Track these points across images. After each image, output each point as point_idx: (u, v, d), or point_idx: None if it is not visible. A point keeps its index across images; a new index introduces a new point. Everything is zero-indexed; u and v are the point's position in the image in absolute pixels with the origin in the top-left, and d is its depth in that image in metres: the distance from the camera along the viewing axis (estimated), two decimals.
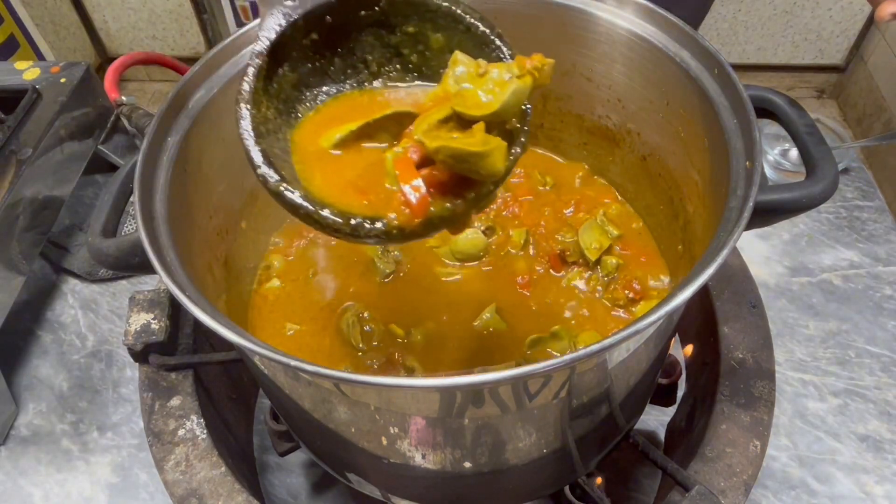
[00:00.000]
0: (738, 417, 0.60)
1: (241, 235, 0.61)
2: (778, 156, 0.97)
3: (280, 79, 0.44)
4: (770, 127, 0.98)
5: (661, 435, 0.77)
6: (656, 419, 0.80)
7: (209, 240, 0.56)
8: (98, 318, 0.87)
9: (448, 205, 0.40)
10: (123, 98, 0.95)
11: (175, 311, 0.67)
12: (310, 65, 0.46)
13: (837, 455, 0.72)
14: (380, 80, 0.48)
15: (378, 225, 0.39)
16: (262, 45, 0.43)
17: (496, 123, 0.40)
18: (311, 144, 0.44)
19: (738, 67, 2.15)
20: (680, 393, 0.72)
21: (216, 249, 0.57)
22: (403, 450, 0.48)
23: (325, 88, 0.47)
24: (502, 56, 0.44)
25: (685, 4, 1.05)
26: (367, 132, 0.44)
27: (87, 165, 0.90)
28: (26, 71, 0.89)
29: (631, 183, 0.67)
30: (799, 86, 2.26)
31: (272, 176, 0.40)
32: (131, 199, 0.49)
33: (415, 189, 0.39)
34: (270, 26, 0.43)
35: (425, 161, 0.40)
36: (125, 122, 0.95)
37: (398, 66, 0.48)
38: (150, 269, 0.43)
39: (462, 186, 0.40)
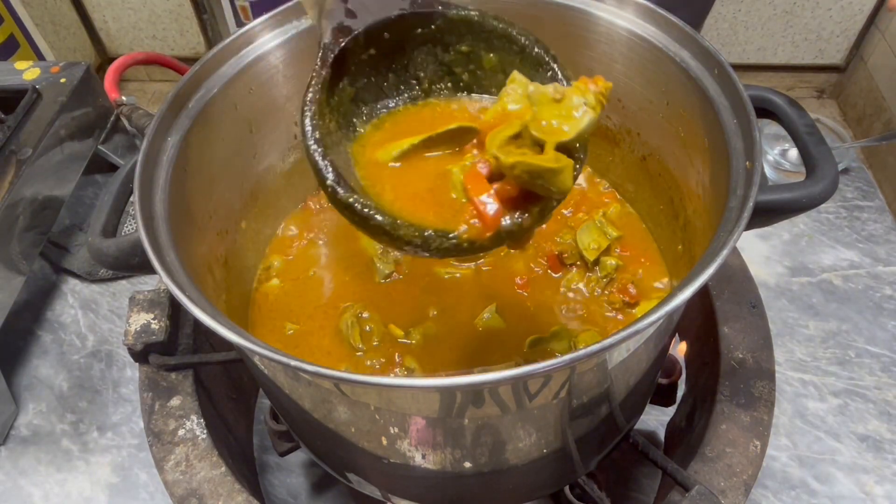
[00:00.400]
0: (738, 417, 0.60)
1: (241, 235, 0.61)
2: (778, 156, 0.97)
3: (340, 92, 0.44)
4: (770, 127, 0.98)
5: (661, 435, 0.77)
6: (656, 419, 0.80)
7: (209, 240, 0.56)
8: (98, 318, 0.87)
9: (516, 218, 0.40)
10: (123, 98, 0.95)
11: (175, 311, 0.67)
12: (366, 80, 0.46)
13: (837, 455, 0.72)
14: (431, 97, 0.48)
15: (450, 237, 0.39)
16: (327, 56, 0.43)
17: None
18: (371, 158, 0.44)
19: (738, 67, 2.15)
20: (680, 393, 0.72)
21: (216, 249, 0.57)
22: (403, 450, 0.48)
23: (378, 105, 0.47)
24: (557, 78, 0.44)
25: (687, 6, 1.05)
26: (425, 146, 0.44)
27: (87, 165, 0.90)
28: (26, 71, 0.89)
29: (631, 183, 0.67)
30: (799, 86, 2.26)
31: (342, 188, 0.39)
32: (131, 199, 0.49)
33: (488, 202, 0.40)
34: (334, 38, 0.43)
35: (492, 176, 0.40)
36: (125, 122, 0.95)
37: (450, 84, 0.48)
38: (150, 269, 0.43)
39: (527, 201, 0.41)
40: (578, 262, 0.63)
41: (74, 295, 0.90)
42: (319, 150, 0.40)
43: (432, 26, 0.46)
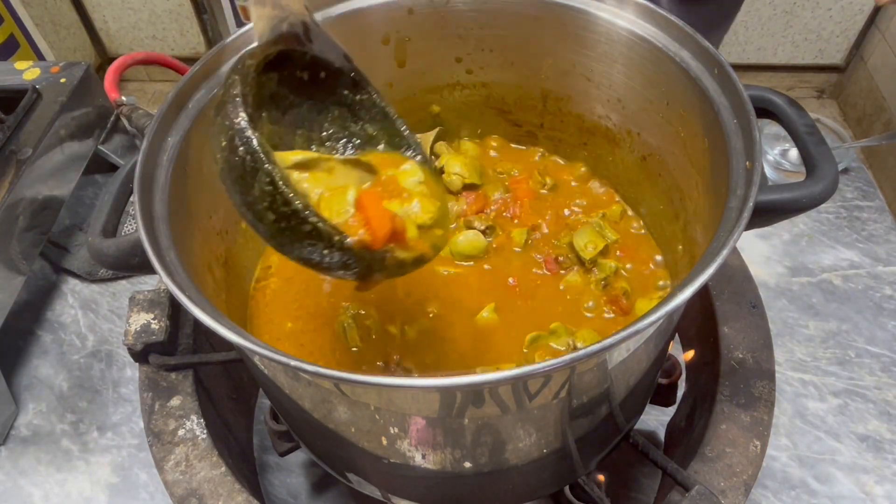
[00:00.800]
0: (738, 417, 0.60)
1: (241, 235, 0.61)
2: (778, 156, 0.97)
3: (267, 81, 0.46)
4: (770, 127, 0.98)
5: (661, 435, 0.77)
6: (656, 419, 0.79)
7: (209, 240, 0.56)
8: (98, 318, 0.87)
9: (396, 252, 0.43)
10: (123, 98, 0.94)
11: (175, 311, 0.67)
12: (288, 91, 0.48)
13: (837, 455, 0.72)
14: (322, 147, 0.50)
15: (347, 240, 0.40)
16: (279, 40, 0.44)
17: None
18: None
19: (738, 67, 2.15)
20: (680, 393, 0.72)
21: (216, 249, 0.57)
22: (403, 450, 0.48)
23: (281, 123, 0.48)
24: (411, 148, 0.50)
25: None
26: (323, 162, 0.46)
27: (87, 165, 0.90)
28: (26, 71, 0.89)
29: (631, 183, 0.67)
30: (799, 86, 2.26)
31: (264, 154, 0.40)
32: (131, 199, 0.49)
33: (379, 217, 0.42)
34: (286, 38, 0.45)
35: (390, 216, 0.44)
36: (125, 122, 0.95)
37: (339, 149, 0.51)
38: (150, 269, 0.43)
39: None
40: (577, 265, 0.63)
41: (74, 295, 0.90)
42: (241, 94, 0.40)
43: (357, 97, 0.50)
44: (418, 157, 0.50)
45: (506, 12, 0.62)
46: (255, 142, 0.39)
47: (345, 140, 0.50)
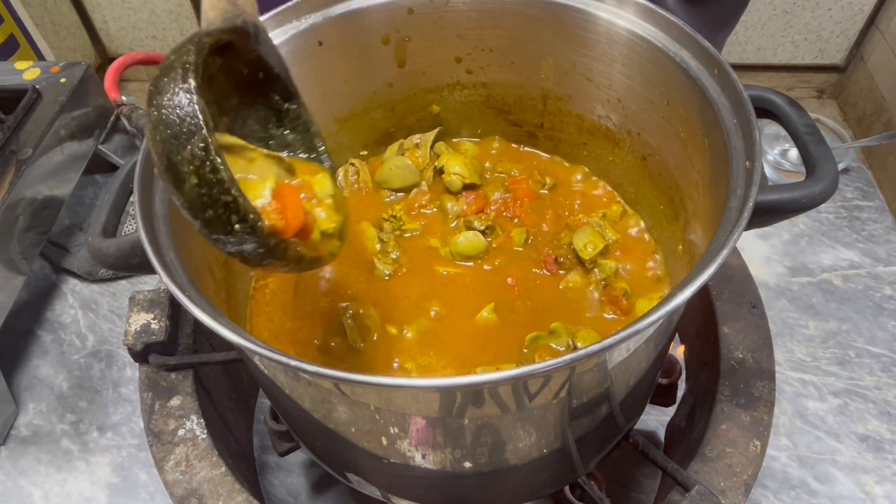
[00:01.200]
0: (738, 417, 0.60)
1: None
2: (778, 156, 0.97)
3: (212, 63, 0.46)
4: (770, 127, 0.98)
5: (661, 435, 0.77)
6: (656, 419, 0.80)
7: None
8: (98, 318, 0.87)
9: (300, 248, 0.44)
10: (123, 98, 0.95)
11: (175, 311, 0.67)
12: (225, 79, 0.48)
13: (837, 455, 0.72)
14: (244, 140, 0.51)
15: (259, 223, 0.41)
16: (233, 27, 0.45)
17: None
18: None
19: (738, 67, 2.15)
20: (680, 393, 0.72)
21: (216, 249, 0.57)
22: (403, 450, 0.48)
23: (217, 103, 0.49)
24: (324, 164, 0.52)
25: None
26: (246, 151, 0.47)
27: (87, 165, 0.90)
28: (26, 71, 0.89)
29: (631, 183, 0.67)
30: (799, 86, 2.26)
31: (208, 127, 0.40)
32: (131, 199, 0.49)
33: (294, 209, 0.44)
34: (238, 29, 0.46)
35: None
36: (125, 122, 0.95)
37: (260, 137, 0.52)
38: (150, 269, 0.43)
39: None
40: (577, 265, 0.63)
41: (74, 295, 0.90)
42: (194, 63, 0.40)
43: (286, 105, 0.51)
44: (330, 171, 0.52)
45: (506, 12, 0.62)
46: (198, 106, 0.39)
47: (263, 142, 0.51)
